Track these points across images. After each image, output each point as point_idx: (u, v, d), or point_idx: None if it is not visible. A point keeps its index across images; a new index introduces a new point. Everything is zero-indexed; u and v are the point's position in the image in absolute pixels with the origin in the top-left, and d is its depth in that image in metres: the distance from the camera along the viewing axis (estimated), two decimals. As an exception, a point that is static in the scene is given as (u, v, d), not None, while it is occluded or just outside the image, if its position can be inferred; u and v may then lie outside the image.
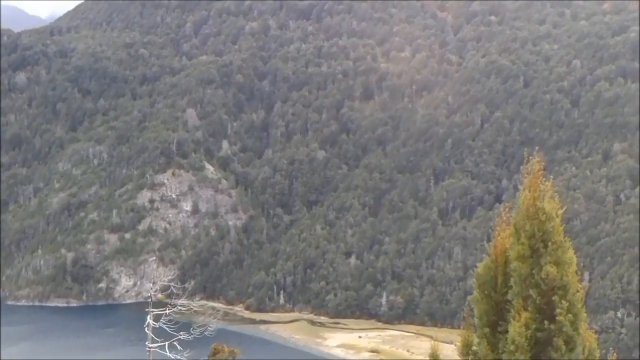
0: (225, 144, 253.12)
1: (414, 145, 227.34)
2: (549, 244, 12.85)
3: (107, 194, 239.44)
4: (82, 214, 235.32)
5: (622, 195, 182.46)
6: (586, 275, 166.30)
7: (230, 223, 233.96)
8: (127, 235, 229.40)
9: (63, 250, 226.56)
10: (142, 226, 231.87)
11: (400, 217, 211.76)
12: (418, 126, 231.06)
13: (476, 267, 13.77)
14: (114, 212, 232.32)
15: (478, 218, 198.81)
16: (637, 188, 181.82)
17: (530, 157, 13.90)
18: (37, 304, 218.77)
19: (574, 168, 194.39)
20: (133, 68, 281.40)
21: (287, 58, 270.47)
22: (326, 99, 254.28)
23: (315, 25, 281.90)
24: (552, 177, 13.20)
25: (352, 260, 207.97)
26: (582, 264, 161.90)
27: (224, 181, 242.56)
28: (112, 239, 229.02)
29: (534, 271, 12.54)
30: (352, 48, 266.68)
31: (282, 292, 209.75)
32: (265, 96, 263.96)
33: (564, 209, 13.72)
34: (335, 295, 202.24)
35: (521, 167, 14.09)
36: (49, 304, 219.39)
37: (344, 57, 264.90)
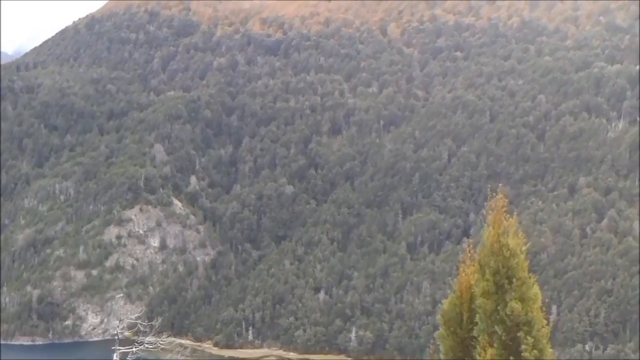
0: (193, 179, 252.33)
1: (381, 179, 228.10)
2: (514, 280, 13.02)
3: (74, 230, 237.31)
4: (48, 251, 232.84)
5: (588, 229, 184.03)
6: (554, 309, 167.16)
7: (198, 259, 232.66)
8: (94, 272, 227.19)
9: (29, 288, 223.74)
10: (109, 262, 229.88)
11: (368, 251, 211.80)
12: (386, 161, 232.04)
13: (445, 300, 13.90)
14: (81, 248, 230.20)
15: (446, 252, 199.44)
16: (603, 221, 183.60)
17: (494, 194, 14.11)
18: (2, 342, 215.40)
19: (540, 202, 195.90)
20: (100, 104, 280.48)
21: (255, 93, 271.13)
22: (294, 134, 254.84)
23: (282, 60, 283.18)
24: (518, 211, 13.40)
25: (321, 295, 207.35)
26: (549, 298, 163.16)
27: (192, 217, 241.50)
28: (79, 275, 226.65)
29: (499, 307, 12.68)
30: (320, 83, 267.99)
31: (250, 328, 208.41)
32: (233, 131, 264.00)
33: (528, 244, 13.91)
34: (305, 330, 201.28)
35: (488, 198, 14.28)
36: (14, 342, 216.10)
37: (311, 92, 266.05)
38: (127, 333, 23.55)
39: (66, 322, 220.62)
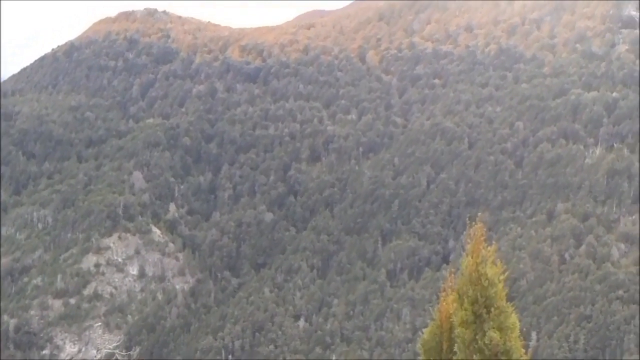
0: (172, 206, 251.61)
1: (361, 206, 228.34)
2: (492, 309, 13.08)
3: (52, 259, 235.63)
4: (25, 279, 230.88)
5: (566, 255, 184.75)
6: (533, 335, 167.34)
7: (177, 287, 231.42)
8: (72, 301, 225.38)
9: (5, 317, 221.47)
10: (87, 291, 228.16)
11: (348, 278, 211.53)
12: (365, 187, 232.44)
13: (424, 329, 13.92)
14: (59, 277, 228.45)
15: (426, 279, 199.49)
16: (582, 247, 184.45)
17: (473, 222, 14.19)
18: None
19: (519, 228, 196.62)
20: (79, 131, 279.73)
21: (234, 121, 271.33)
22: (273, 161, 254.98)
23: (262, 88, 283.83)
24: (497, 237, 13.52)
25: (301, 323, 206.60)
26: (529, 324, 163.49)
27: (171, 244, 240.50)
28: (56, 304, 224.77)
29: (477, 337, 12.74)
30: (299, 111, 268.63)
31: (230, 356, 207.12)
32: (212, 158, 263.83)
33: (506, 273, 13.99)
34: (284, 358, 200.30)
35: (467, 227, 14.36)
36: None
37: (290, 119, 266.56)
38: (105, 363, 23.41)
39: (43, 352, 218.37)
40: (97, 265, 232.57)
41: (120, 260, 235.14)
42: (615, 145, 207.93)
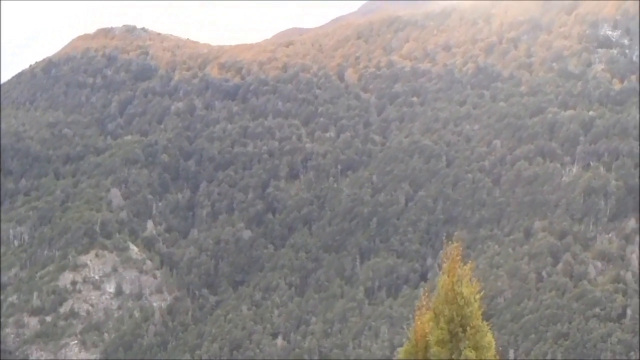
0: (150, 224, 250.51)
1: (339, 224, 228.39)
2: (468, 328, 13.16)
3: (28, 276, 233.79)
4: (1, 297, 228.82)
5: (544, 273, 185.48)
6: (511, 353, 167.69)
7: (154, 304, 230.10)
8: (48, 319, 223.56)
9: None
10: (64, 309, 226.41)
11: (326, 296, 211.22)
12: (343, 205, 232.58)
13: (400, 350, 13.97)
14: (35, 294, 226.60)
15: (404, 297, 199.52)
16: (559, 265, 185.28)
17: (450, 242, 14.30)
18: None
19: (496, 246, 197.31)
20: (56, 148, 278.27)
21: (213, 138, 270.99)
22: (252, 178, 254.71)
23: (241, 105, 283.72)
24: (474, 255, 13.65)
25: (279, 341, 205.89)
26: (506, 342, 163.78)
27: (148, 262, 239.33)
28: (32, 322, 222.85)
29: (453, 356, 12.81)
30: (278, 128, 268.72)
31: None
32: (190, 176, 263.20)
33: (482, 293, 14.10)
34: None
35: (444, 245, 14.48)
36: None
37: (269, 137, 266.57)
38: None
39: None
40: (73, 283, 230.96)
41: (97, 277, 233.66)
42: (591, 163, 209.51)
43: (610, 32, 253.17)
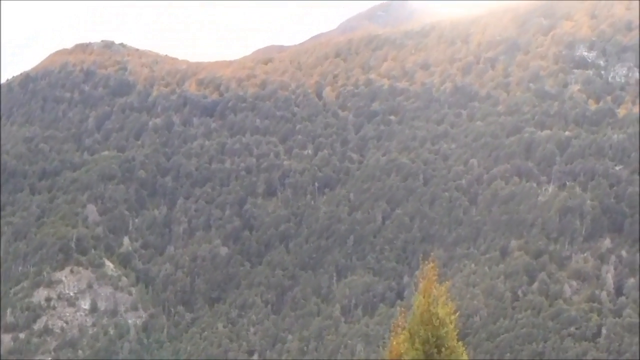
0: (126, 240, 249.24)
1: (316, 241, 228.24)
2: (443, 349, 13.17)
3: (2, 292, 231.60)
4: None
5: (519, 292, 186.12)
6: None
7: (129, 322, 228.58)
8: (22, 335, 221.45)
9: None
10: (38, 325, 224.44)
11: (303, 314, 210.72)
12: (320, 223, 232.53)
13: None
14: (8, 310, 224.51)
15: (380, 315, 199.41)
16: (534, 284, 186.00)
17: (426, 262, 14.32)
18: None
19: (472, 265, 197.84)
20: (32, 163, 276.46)
21: (191, 154, 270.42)
22: (229, 195, 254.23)
23: (219, 122, 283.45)
24: (451, 274, 13.66)
25: (255, 359, 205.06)
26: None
27: (124, 278, 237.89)
28: (6, 339, 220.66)
29: (428, 377, 12.80)
30: (256, 145, 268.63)
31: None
32: (167, 192, 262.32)
33: (457, 313, 14.11)
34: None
35: (420, 265, 14.47)
36: None
37: (247, 153, 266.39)
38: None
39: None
40: (48, 299, 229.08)
41: (71, 294, 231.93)
42: (567, 183, 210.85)
43: (586, 53, 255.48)
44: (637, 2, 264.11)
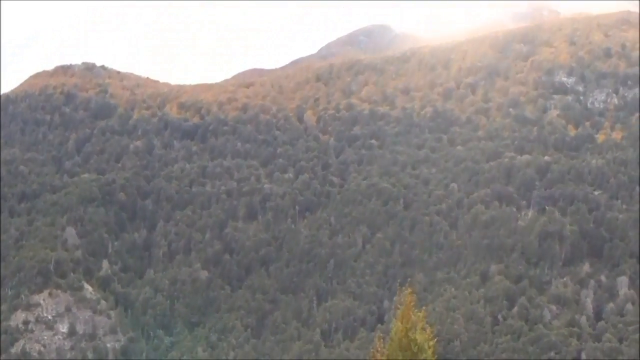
0: (105, 263, 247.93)
1: (297, 265, 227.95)
2: (421, 375, 13.27)
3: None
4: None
5: (499, 316, 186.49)
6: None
7: (108, 345, 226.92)
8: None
9: None
10: (15, 349, 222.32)
11: (283, 338, 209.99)
12: (301, 247, 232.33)
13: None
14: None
15: (360, 339, 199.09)
16: (514, 309, 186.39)
17: (403, 288, 14.44)
18: None
19: (453, 289, 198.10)
20: (12, 185, 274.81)
21: (171, 177, 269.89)
22: (210, 218, 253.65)
23: (199, 145, 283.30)
24: (431, 298, 13.79)
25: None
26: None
27: (103, 302, 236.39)
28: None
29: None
30: (236, 168, 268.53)
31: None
32: (148, 215, 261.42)
33: (436, 339, 14.24)
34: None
35: (398, 291, 14.58)
36: None
37: (228, 177, 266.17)
38: None
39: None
40: (25, 323, 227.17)
41: (50, 317, 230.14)
42: (547, 208, 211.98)
43: (565, 79, 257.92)
44: (616, 30, 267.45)
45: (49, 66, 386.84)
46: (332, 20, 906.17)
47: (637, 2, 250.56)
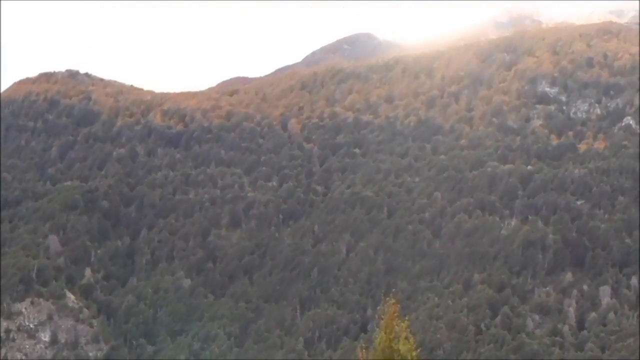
0: (88, 271, 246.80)
1: (280, 273, 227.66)
2: (404, 385, 13.33)
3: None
4: None
5: (482, 325, 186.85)
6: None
7: (90, 354, 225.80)
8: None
9: None
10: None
11: (266, 347, 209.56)
12: (284, 255, 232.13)
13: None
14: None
15: (343, 348, 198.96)
16: (497, 317, 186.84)
17: (388, 298, 14.50)
18: None
19: (436, 297, 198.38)
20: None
21: (155, 185, 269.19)
22: (193, 226, 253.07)
23: (183, 152, 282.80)
24: (414, 306, 13.83)
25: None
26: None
27: (85, 310, 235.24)
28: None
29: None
30: (220, 176, 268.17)
31: None
32: (131, 222, 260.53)
33: (419, 349, 14.30)
34: None
35: (382, 301, 14.63)
36: None
37: (211, 185, 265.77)
38: None
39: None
40: (7, 331, 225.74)
41: (32, 326, 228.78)
42: (529, 217, 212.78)
43: (548, 89, 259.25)
44: (597, 39, 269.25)
45: (33, 73, 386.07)
46: (316, 29, 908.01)
47: (597, 39, 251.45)
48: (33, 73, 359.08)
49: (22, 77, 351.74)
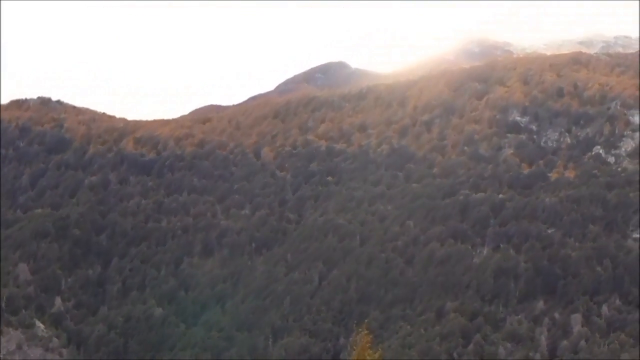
0: (58, 300, 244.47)
1: (253, 302, 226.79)
2: (376, 416, 13.46)
3: None
4: None
5: (455, 354, 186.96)
6: None
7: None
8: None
9: None
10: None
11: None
12: (257, 283, 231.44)
13: None
14: None
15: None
16: (470, 346, 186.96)
17: (360, 329, 14.66)
18: None
19: (408, 326, 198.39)
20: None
21: (127, 213, 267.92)
22: (165, 254, 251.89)
23: (156, 180, 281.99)
24: (387, 336, 13.99)
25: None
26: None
27: (55, 339, 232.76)
28: None
29: None
30: (193, 204, 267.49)
31: None
32: (102, 251, 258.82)
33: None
34: None
35: (354, 331, 14.79)
36: None
37: (184, 213, 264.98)
38: None
39: None
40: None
41: (1, 356, 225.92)
42: (501, 245, 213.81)
43: (519, 118, 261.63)
44: (567, 69, 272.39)
45: (4, 100, 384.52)
46: (289, 57, 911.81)
47: (568, 69, 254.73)
48: (4, 100, 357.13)
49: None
